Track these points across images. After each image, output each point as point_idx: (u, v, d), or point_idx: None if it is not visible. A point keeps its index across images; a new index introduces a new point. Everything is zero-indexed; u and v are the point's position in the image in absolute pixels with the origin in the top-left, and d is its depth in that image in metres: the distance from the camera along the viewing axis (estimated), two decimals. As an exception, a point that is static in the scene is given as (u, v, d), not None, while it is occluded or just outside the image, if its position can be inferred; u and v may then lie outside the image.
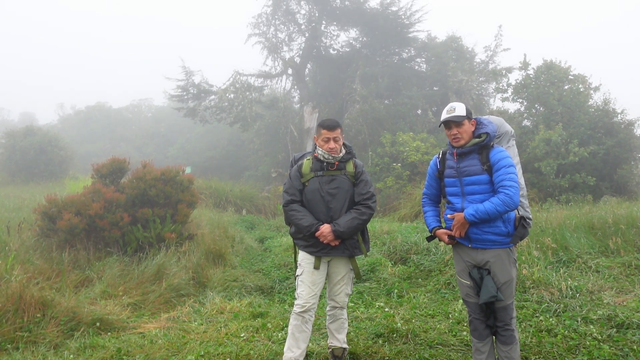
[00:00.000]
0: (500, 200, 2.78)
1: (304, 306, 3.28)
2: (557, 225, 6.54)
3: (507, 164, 2.85)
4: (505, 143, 3.13)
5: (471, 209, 2.87)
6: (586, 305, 4.28)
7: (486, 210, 2.80)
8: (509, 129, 3.18)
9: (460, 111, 2.97)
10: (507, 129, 3.16)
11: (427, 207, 3.30)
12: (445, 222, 3.17)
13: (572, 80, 13.28)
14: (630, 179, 11.78)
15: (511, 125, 3.35)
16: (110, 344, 3.97)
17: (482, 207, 2.83)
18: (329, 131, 3.31)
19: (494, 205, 2.79)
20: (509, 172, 2.83)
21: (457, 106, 3.01)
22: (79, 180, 14.12)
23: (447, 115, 2.99)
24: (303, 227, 3.28)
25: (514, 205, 2.78)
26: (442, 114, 3.06)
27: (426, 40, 18.89)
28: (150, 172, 7.27)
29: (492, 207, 2.79)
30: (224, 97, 18.04)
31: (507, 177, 2.82)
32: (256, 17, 19.30)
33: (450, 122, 2.98)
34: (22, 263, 5.21)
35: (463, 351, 3.64)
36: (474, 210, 2.85)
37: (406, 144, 13.79)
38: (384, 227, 8.68)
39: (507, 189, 2.79)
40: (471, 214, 2.86)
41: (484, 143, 2.94)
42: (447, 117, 2.99)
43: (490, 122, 3.02)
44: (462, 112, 2.97)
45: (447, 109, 3.04)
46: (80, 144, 27.77)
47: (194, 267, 6.18)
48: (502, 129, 3.13)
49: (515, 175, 2.85)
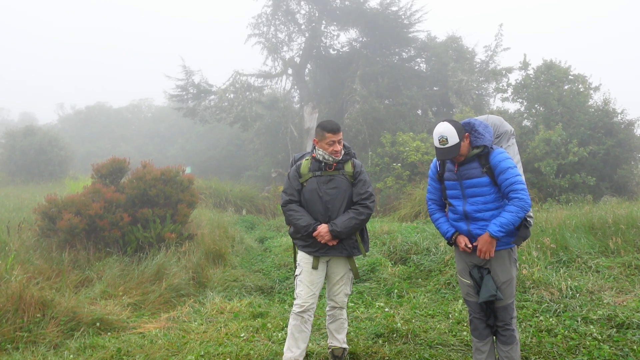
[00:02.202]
0: (517, 206, 2.76)
1: (303, 306, 3.28)
2: (557, 225, 6.53)
3: (509, 166, 2.83)
4: (505, 142, 3.12)
5: (495, 226, 2.79)
6: (586, 305, 4.28)
7: (509, 222, 2.77)
8: (509, 127, 3.15)
9: (452, 140, 2.81)
10: (506, 128, 3.13)
11: (436, 215, 3.20)
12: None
13: (572, 80, 13.27)
14: (630, 179, 11.77)
15: (511, 126, 3.33)
16: (110, 344, 3.97)
17: (504, 220, 2.78)
18: (333, 134, 3.29)
19: (514, 214, 2.77)
20: (514, 173, 2.81)
21: (448, 135, 2.82)
22: (79, 180, 14.12)
23: (441, 146, 2.84)
24: (301, 227, 3.28)
25: (529, 206, 2.78)
26: (435, 140, 2.88)
27: (426, 40, 18.88)
28: (150, 172, 7.27)
29: (512, 216, 2.77)
30: (224, 97, 18.04)
31: (514, 179, 2.80)
32: (256, 18, 19.28)
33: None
34: (22, 263, 5.21)
35: (463, 351, 3.65)
36: (498, 226, 2.79)
37: (406, 144, 13.79)
38: (384, 227, 8.67)
39: (518, 192, 2.77)
40: (498, 230, 2.79)
41: (482, 154, 2.92)
42: (441, 150, 2.84)
43: (487, 128, 2.95)
44: (455, 139, 2.81)
45: (437, 137, 2.85)
46: (80, 144, 27.76)
47: (194, 267, 6.18)
48: (501, 129, 3.11)
49: (520, 175, 2.84)
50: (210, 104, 18.68)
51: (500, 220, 2.80)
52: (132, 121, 34.94)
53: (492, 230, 2.81)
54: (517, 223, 2.79)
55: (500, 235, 2.80)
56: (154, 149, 28.56)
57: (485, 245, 2.85)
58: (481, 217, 2.92)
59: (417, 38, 18.78)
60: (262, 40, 19.23)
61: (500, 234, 2.79)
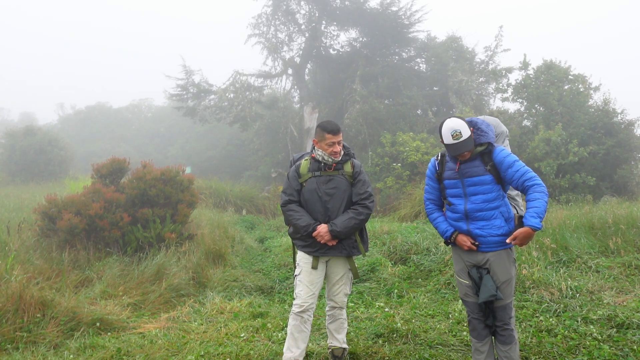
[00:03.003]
0: (540, 192, 2.75)
1: (302, 306, 3.28)
2: (557, 225, 6.54)
3: (514, 159, 2.88)
4: (502, 143, 3.18)
5: (532, 218, 2.69)
6: (586, 305, 4.28)
7: (543, 209, 2.72)
8: (504, 129, 3.24)
9: (466, 133, 2.80)
10: (502, 129, 3.22)
11: (435, 214, 3.18)
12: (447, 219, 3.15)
13: (572, 80, 13.28)
14: (630, 179, 11.77)
15: (511, 126, 3.40)
16: (110, 344, 3.97)
17: (538, 208, 2.71)
18: (334, 135, 3.29)
19: (542, 200, 2.73)
20: (522, 165, 2.86)
21: (461, 129, 2.81)
22: (79, 180, 14.11)
23: (455, 141, 2.81)
24: (300, 227, 3.28)
25: (547, 190, 2.80)
26: (445, 137, 2.85)
27: (426, 40, 18.88)
28: (150, 172, 7.27)
29: (542, 202, 2.73)
30: (224, 96, 18.04)
31: (524, 169, 2.83)
32: (256, 18, 19.28)
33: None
34: (22, 263, 5.21)
35: (463, 351, 3.65)
36: (536, 216, 2.70)
37: (406, 144, 13.79)
38: (384, 227, 8.68)
39: (533, 179, 2.79)
40: (538, 221, 2.69)
41: (486, 152, 2.93)
42: (455, 144, 2.82)
43: (489, 126, 2.98)
44: (467, 132, 2.81)
45: (450, 132, 2.82)
46: (80, 144, 27.76)
47: (194, 267, 6.18)
48: (498, 129, 3.20)
49: (526, 166, 2.88)
50: (210, 104, 18.68)
51: (535, 210, 2.71)
52: (132, 121, 34.92)
53: (532, 223, 2.69)
54: (546, 208, 2.76)
55: (541, 226, 2.71)
56: (154, 149, 28.55)
57: (526, 239, 2.76)
58: (482, 216, 2.92)
59: (417, 38, 18.79)
60: (262, 40, 19.24)
61: (540, 225, 2.70)
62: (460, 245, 3.01)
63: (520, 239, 2.76)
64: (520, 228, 2.76)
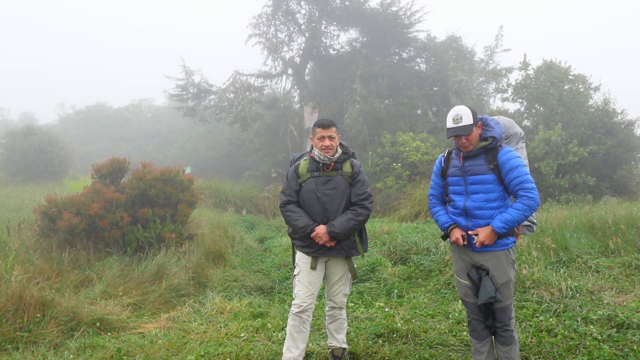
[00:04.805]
0: (525, 205, 2.75)
1: (301, 306, 3.28)
2: (557, 225, 6.54)
3: (519, 164, 2.82)
4: (514, 145, 3.10)
5: (499, 222, 2.79)
6: (586, 305, 4.28)
7: (514, 220, 2.77)
8: (519, 130, 3.13)
9: (467, 120, 2.84)
10: (516, 130, 3.12)
11: (436, 208, 3.19)
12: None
13: (572, 81, 13.28)
14: (630, 179, 11.78)
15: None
16: (110, 344, 3.97)
17: (509, 217, 2.77)
18: (323, 129, 3.30)
19: (520, 212, 2.76)
20: (524, 172, 2.81)
21: (463, 114, 2.86)
22: (79, 180, 14.13)
23: (454, 125, 2.86)
24: (299, 228, 3.27)
25: (537, 206, 2.77)
26: (448, 121, 2.92)
27: (426, 40, 18.89)
28: (150, 172, 7.27)
29: (518, 214, 2.76)
30: (224, 96, 18.04)
31: (524, 177, 2.79)
32: (256, 18, 19.28)
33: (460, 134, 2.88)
34: (22, 263, 5.21)
35: (463, 351, 3.64)
36: (502, 222, 2.78)
37: (406, 144, 13.80)
38: (384, 227, 8.67)
39: (528, 191, 2.76)
40: (501, 226, 2.78)
41: (490, 147, 2.91)
42: (454, 128, 2.87)
43: (498, 124, 2.96)
44: (469, 120, 2.85)
45: (452, 116, 2.88)
46: (80, 144, 27.78)
47: (194, 267, 6.18)
48: (510, 130, 3.10)
49: (529, 175, 2.83)
50: (210, 104, 18.70)
51: (505, 216, 2.79)
52: (132, 121, 34.90)
53: (495, 225, 2.81)
54: (522, 221, 2.78)
55: (503, 232, 2.79)
56: (154, 149, 28.55)
57: (487, 236, 2.83)
58: (481, 215, 2.91)
59: (417, 38, 18.79)
60: (262, 40, 19.24)
61: (502, 230, 2.79)
62: (453, 238, 3.00)
63: (481, 235, 2.84)
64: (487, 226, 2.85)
